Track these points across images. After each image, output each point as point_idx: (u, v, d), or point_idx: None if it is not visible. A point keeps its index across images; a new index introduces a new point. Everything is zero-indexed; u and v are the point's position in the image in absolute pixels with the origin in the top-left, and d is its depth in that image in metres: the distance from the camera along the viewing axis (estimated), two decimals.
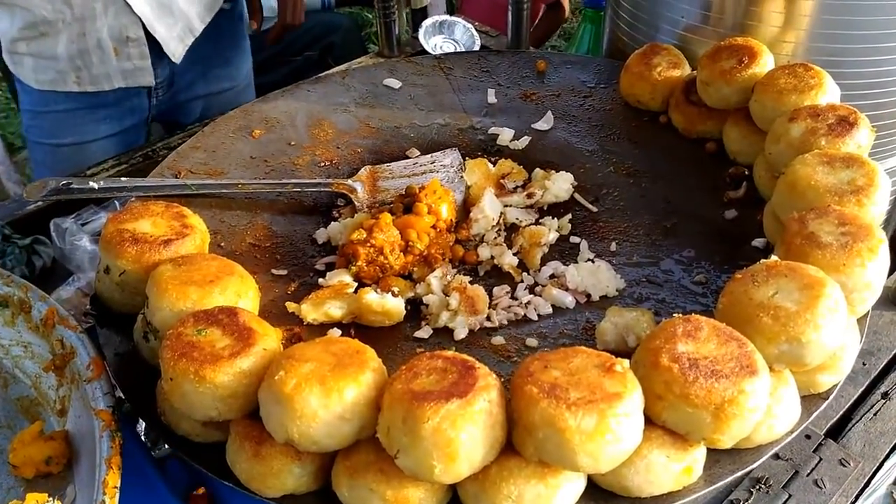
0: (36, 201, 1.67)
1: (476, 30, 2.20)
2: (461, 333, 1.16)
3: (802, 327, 0.88)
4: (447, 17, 2.23)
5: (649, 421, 0.86)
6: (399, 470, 0.83)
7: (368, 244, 1.22)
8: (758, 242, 1.23)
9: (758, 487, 1.19)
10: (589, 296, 1.20)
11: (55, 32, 1.81)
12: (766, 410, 0.87)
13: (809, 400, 0.99)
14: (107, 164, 1.87)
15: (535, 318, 1.19)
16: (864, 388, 1.36)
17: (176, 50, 1.97)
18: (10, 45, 1.88)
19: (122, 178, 1.39)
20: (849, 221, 1.00)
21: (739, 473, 0.92)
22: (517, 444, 0.84)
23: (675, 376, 0.83)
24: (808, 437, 1.26)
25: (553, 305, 1.20)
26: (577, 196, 1.40)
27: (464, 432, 0.79)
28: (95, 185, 1.36)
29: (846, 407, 1.33)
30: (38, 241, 1.69)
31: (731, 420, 0.82)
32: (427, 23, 2.20)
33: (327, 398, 0.82)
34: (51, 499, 0.78)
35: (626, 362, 0.84)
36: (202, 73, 2.15)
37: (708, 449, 0.90)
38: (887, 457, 1.28)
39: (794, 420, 0.94)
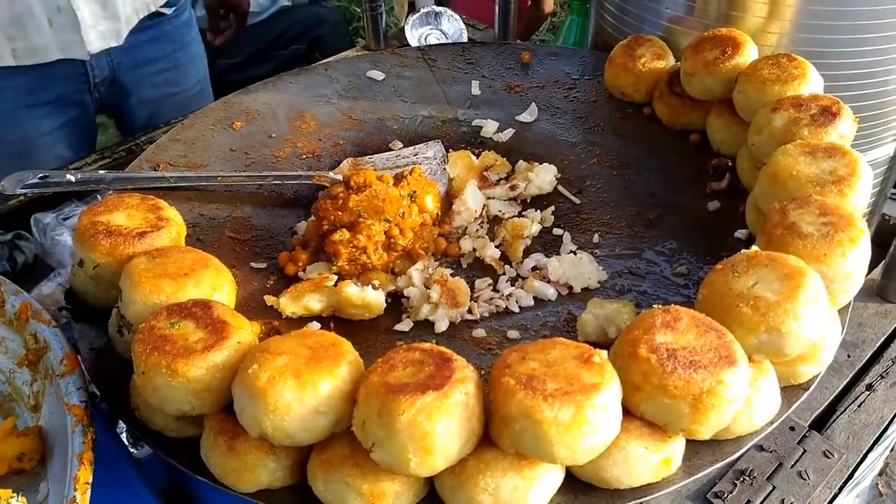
0: (17, 196, 1.65)
1: (464, 22, 2.19)
2: (442, 326, 1.15)
3: (782, 317, 0.87)
4: (434, 7, 2.21)
5: (628, 412, 0.85)
6: (375, 464, 0.82)
7: (351, 245, 1.21)
8: (740, 234, 1.23)
9: (742, 479, 1.19)
10: (571, 288, 1.20)
11: None
12: (745, 401, 0.87)
13: (790, 391, 0.98)
14: (89, 158, 1.85)
15: (517, 310, 1.18)
16: (848, 379, 1.36)
17: (93, 41, 1.92)
18: None
19: (100, 171, 1.38)
20: (830, 211, 0.99)
21: (719, 465, 0.91)
22: (494, 436, 0.83)
23: (653, 367, 0.82)
24: (792, 428, 1.26)
25: (535, 297, 1.19)
26: (560, 188, 1.40)
27: (440, 425, 0.78)
28: (72, 178, 1.34)
29: (830, 399, 1.33)
30: (19, 236, 1.68)
31: (710, 411, 0.81)
32: (414, 15, 2.18)
33: (302, 391, 0.81)
34: (15, 495, 0.76)
35: (604, 353, 0.83)
36: (147, 75, 2.14)
37: (687, 440, 0.90)
38: (871, 448, 1.28)
39: (774, 411, 0.94)
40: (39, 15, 1.81)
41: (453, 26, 2.20)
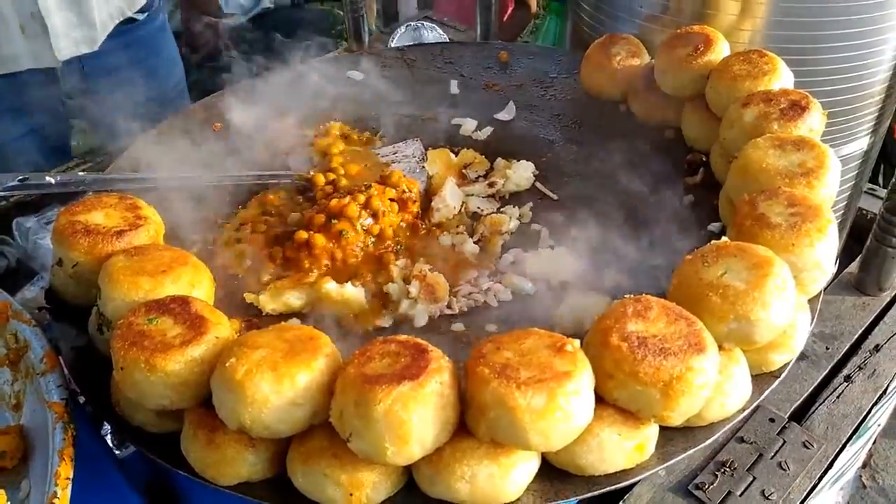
0: None
1: (446, 24, 2.21)
2: (421, 321, 1.16)
3: (750, 305, 0.89)
4: (418, 22, 2.25)
5: (601, 400, 0.86)
6: (353, 454, 0.83)
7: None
8: (714, 226, 1.25)
9: (723, 471, 1.21)
10: (548, 282, 1.21)
11: None
12: (716, 388, 0.88)
13: (762, 378, 1.00)
14: (71, 162, 1.85)
15: (496, 304, 1.20)
16: (827, 371, 1.39)
17: (63, 48, 1.89)
18: None
19: (80, 173, 1.38)
20: (798, 203, 1.01)
21: (692, 451, 0.93)
22: (470, 425, 0.84)
23: (625, 355, 0.83)
24: (771, 420, 1.28)
25: (513, 292, 1.21)
26: (538, 185, 1.42)
27: (415, 414, 0.79)
28: (52, 180, 1.34)
29: (810, 390, 1.35)
30: (2, 241, 1.68)
31: (680, 397, 0.83)
32: (401, 30, 2.21)
33: (279, 384, 0.82)
34: None
35: (577, 342, 0.85)
36: (121, 81, 2.09)
37: (661, 428, 0.91)
38: (850, 438, 1.30)
39: (745, 398, 0.95)
40: (12, 22, 1.78)
41: (435, 38, 2.23)
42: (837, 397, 1.36)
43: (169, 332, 0.89)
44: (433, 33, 2.23)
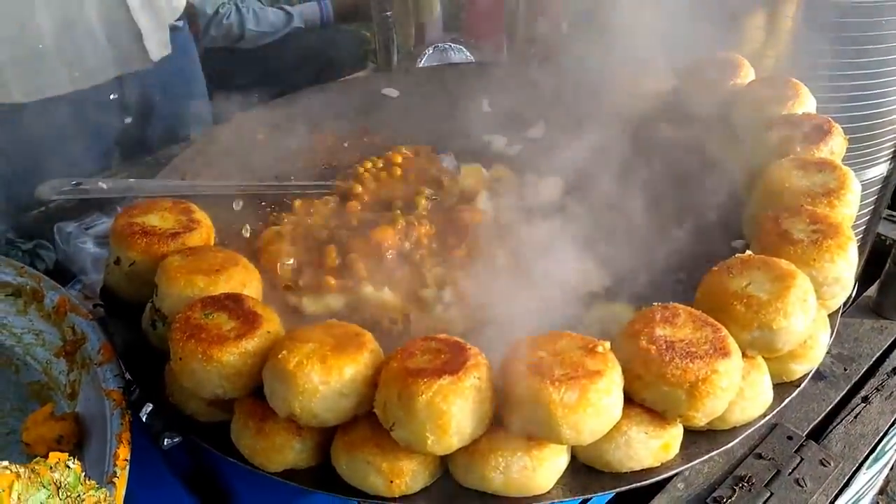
0: (40, 206, 1.72)
1: (473, 46, 2.28)
2: (455, 325, 1.21)
3: (773, 315, 0.93)
4: (445, 44, 2.31)
5: (629, 400, 0.91)
6: (394, 444, 0.88)
7: None
8: (737, 243, 1.29)
9: (741, 485, 1.24)
10: (576, 292, 1.26)
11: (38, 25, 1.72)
12: (738, 392, 0.93)
13: (783, 387, 1.04)
14: (111, 170, 1.92)
15: (525, 311, 1.24)
16: (845, 392, 1.42)
17: (153, 49, 1.94)
18: None
19: (131, 179, 1.45)
20: (820, 220, 1.06)
21: (715, 453, 0.97)
22: (505, 418, 0.89)
23: (653, 357, 0.88)
24: (789, 437, 1.31)
25: (543, 300, 1.25)
26: (566, 200, 1.46)
27: (455, 406, 0.84)
28: (105, 186, 1.41)
29: (828, 410, 1.38)
30: (40, 245, 1.74)
31: (705, 398, 0.88)
32: (428, 51, 2.28)
33: (328, 375, 0.88)
34: (71, 458, 0.82)
35: (608, 343, 0.90)
36: (168, 89, 2.15)
37: (686, 430, 0.96)
38: (866, 458, 1.33)
39: (766, 404, 1.00)
40: (98, 31, 1.82)
41: (462, 60, 2.30)
42: (855, 417, 1.38)
43: (224, 326, 0.94)
44: (460, 55, 2.30)
